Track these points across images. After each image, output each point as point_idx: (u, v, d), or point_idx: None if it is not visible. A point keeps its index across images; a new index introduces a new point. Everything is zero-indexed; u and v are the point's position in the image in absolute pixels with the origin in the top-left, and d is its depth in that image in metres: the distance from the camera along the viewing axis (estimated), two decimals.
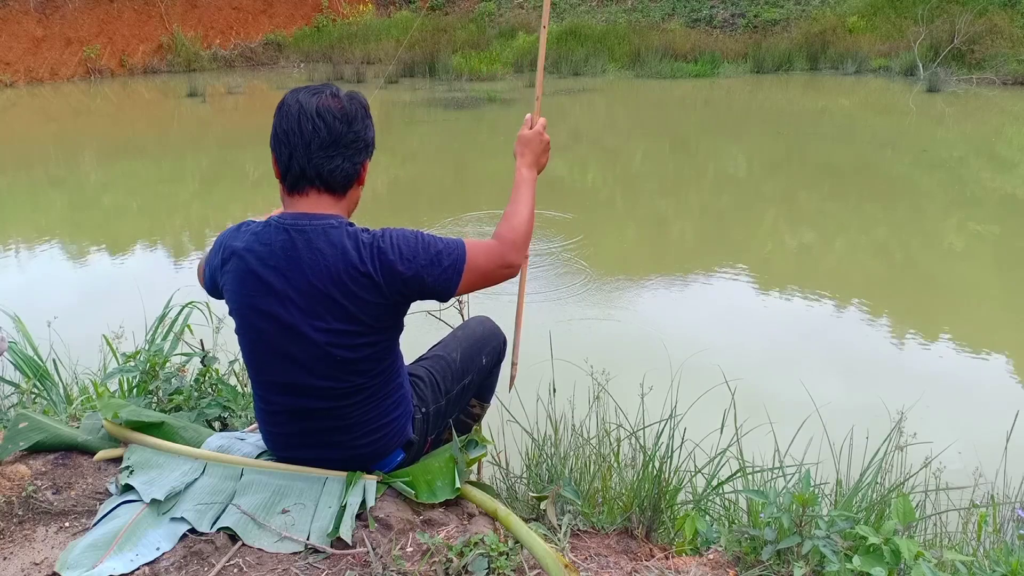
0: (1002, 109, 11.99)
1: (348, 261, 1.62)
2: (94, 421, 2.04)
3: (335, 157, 1.65)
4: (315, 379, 1.70)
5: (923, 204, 7.40)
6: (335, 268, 1.62)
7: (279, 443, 1.86)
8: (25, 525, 1.71)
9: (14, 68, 16.53)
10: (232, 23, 19.58)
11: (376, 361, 1.73)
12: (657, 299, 4.94)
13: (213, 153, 10.71)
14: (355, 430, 1.79)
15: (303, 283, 1.63)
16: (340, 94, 1.69)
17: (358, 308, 1.64)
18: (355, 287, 1.62)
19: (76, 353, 3.16)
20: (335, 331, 1.65)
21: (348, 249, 1.62)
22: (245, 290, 1.68)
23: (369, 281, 1.63)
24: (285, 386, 1.74)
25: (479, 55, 17.08)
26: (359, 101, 1.71)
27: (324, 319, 1.64)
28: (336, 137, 1.65)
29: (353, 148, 1.67)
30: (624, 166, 9.19)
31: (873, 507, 1.99)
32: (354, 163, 1.69)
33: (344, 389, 1.73)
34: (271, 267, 1.65)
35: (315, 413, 1.76)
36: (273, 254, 1.65)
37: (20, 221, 7.54)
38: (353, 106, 1.68)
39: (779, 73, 15.52)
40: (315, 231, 1.64)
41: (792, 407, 2.42)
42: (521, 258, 1.81)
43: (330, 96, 1.67)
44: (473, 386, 2.13)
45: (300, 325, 1.65)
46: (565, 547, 1.73)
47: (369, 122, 1.71)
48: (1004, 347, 4.26)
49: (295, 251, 1.63)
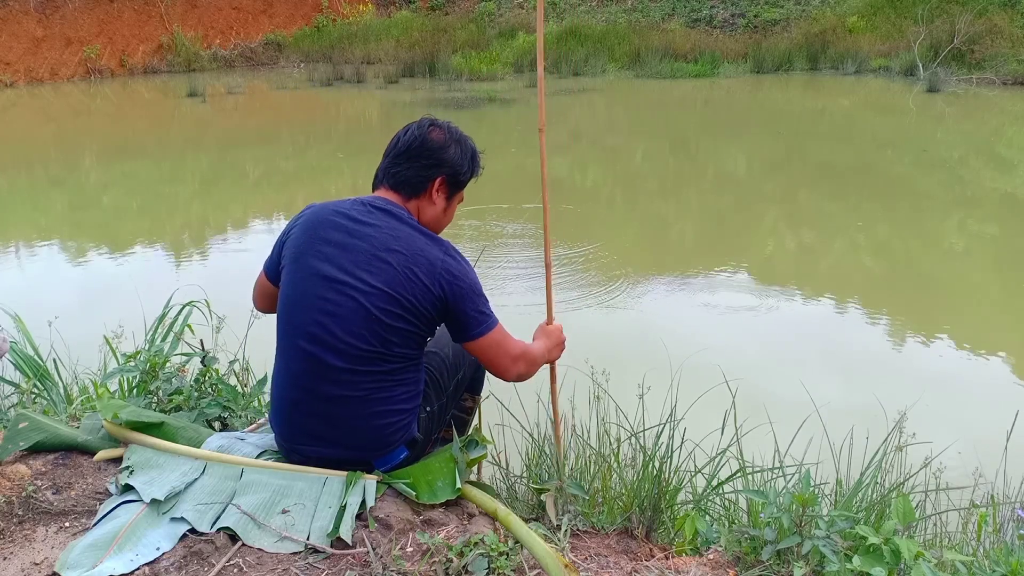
0: (1002, 109, 11.99)
1: (418, 247, 1.82)
2: (94, 421, 2.04)
3: (402, 164, 1.93)
4: (344, 332, 1.78)
5: (923, 204, 7.40)
6: (402, 242, 1.81)
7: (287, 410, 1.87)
8: (25, 525, 1.71)
9: (14, 68, 16.53)
10: (232, 23, 19.58)
11: (405, 344, 1.82)
12: (657, 299, 4.93)
13: (213, 153, 10.71)
14: (364, 406, 1.81)
15: (374, 244, 1.81)
16: (440, 126, 1.97)
17: (408, 281, 1.78)
18: (413, 265, 1.79)
19: (76, 353, 3.16)
20: (380, 292, 1.77)
21: (422, 240, 1.84)
22: (312, 232, 1.86)
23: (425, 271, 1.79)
24: (313, 337, 1.80)
25: (479, 55, 17.08)
26: (454, 135, 1.97)
27: (377, 278, 1.78)
28: (412, 150, 1.92)
29: (422, 162, 1.92)
30: (624, 166, 9.19)
31: (873, 507, 1.99)
32: (419, 174, 1.92)
33: (366, 353, 1.78)
34: (345, 216, 1.86)
35: (332, 372, 1.79)
36: (348, 212, 1.87)
37: (20, 221, 7.54)
38: (449, 137, 1.96)
39: (779, 73, 15.53)
40: (390, 208, 1.88)
41: (792, 407, 2.41)
42: (522, 372, 1.99)
43: (430, 125, 1.96)
44: (465, 380, 2.16)
45: (354, 274, 1.79)
46: (565, 547, 1.73)
47: (457, 149, 1.95)
48: (1004, 347, 4.26)
49: (369, 215, 1.86)
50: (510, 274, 5.38)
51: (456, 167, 1.95)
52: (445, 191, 1.95)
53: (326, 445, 1.84)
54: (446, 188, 1.95)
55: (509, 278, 5.29)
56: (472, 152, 2.01)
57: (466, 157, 1.98)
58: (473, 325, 1.85)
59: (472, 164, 2.01)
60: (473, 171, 2.03)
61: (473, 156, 2.01)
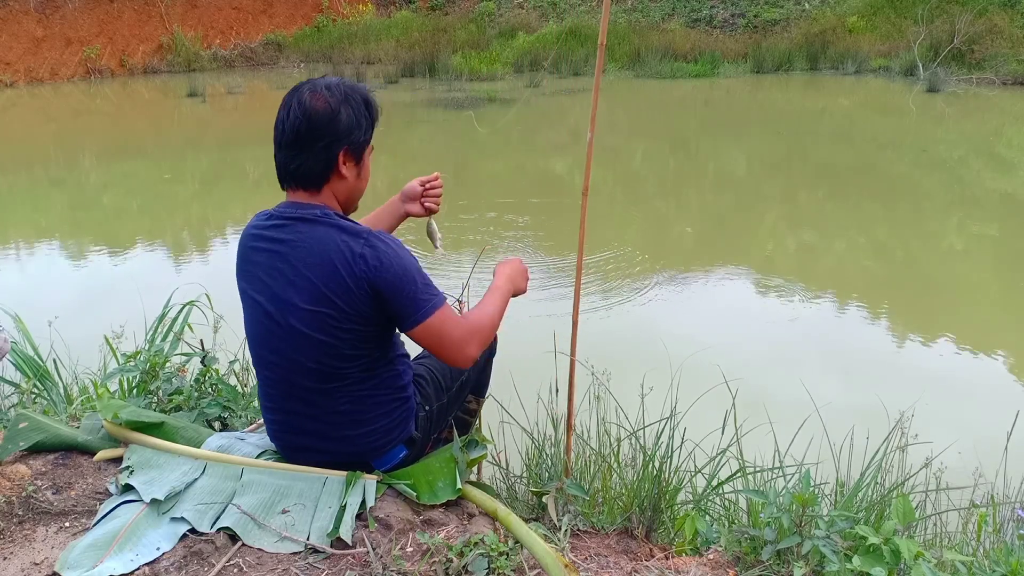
0: (1002, 109, 11.99)
1: (335, 246, 1.68)
2: (94, 421, 2.04)
3: (297, 156, 1.72)
4: (299, 355, 1.74)
5: (923, 204, 7.40)
6: (319, 251, 1.68)
7: (277, 430, 1.89)
8: (25, 525, 1.71)
9: (14, 68, 16.54)
10: (232, 23, 19.59)
11: (362, 346, 1.75)
12: (657, 299, 4.93)
13: (213, 153, 10.71)
14: (349, 416, 1.80)
15: (292, 262, 1.71)
16: (322, 90, 1.72)
17: (331, 290, 1.68)
18: (330, 271, 1.68)
19: (76, 353, 3.16)
20: (311, 310, 1.70)
21: (339, 237, 1.69)
22: (243, 268, 1.81)
23: (349, 269, 1.67)
24: (274, 364, 1.79)
25: (479, 55, 17.09)
26: (339, 94, 1.72)
27: (304, 296, 1.70)
28: (299, 137, 1.70)
29: (317, 145, 1.71)
30: (624, 166, 9.19)
31: (873, 507, 1.99)
32: (319, 161, 1.72)
33: (328, 369, 1.74)
34: (263, 248, 1.76)
35: (305, 392, 1.78)
36: (264, 233, 1.76)
37: (20, 221, 7.54)
38: (335, 100, 1.71)
39: (779, 73, 15.53)
40: (301, 219, 1.73)
41: (792, 407, 2.41)
42: (478, 350, 1.79)
43: (310, 93, 1.71)
44: (469, 381, 2.14)
45: (283, 302, 1.72)
46: (565, 547, 1.73)
47: (348, 110, 1.72)
48: (1004, 347, 4.26)
49: (283, 230, 1.73)
50: None
51: (354, 131, 1.74)
52: (352, 160, 1.77)
53: (320, 453, 1.85)
54: (351, 157, 1.77)
55: None
56: (365, 100, 1.78)
57: (360, 113, 1.75)
58: (408, 313, 1.70)
59: (369, 115, 1.78)
60: (372, 123, 1.80)
61: (367, 104, 1.78)
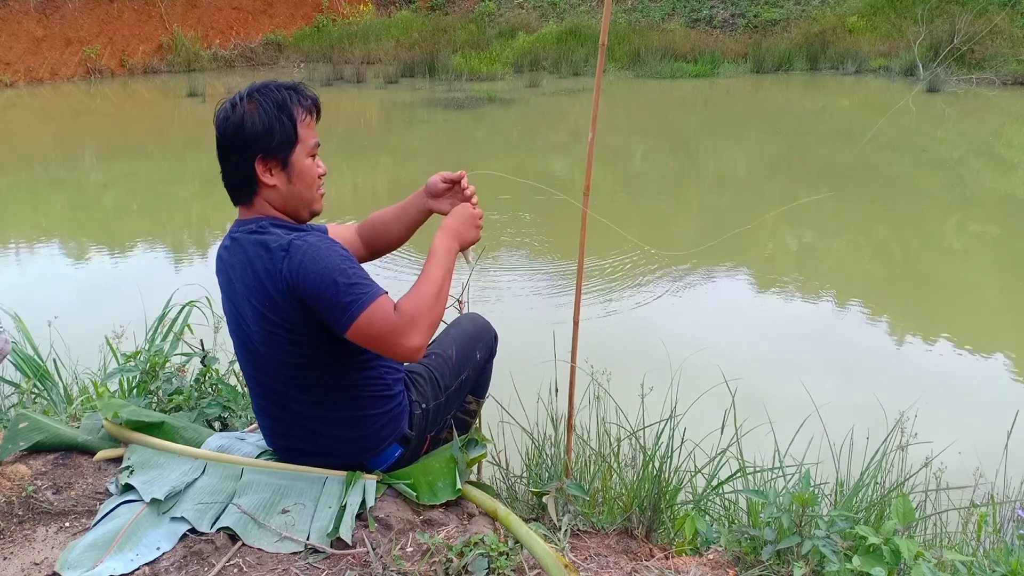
0: (1002, 109, 11.99)
1: (260, 264, 1.67)
2: (94, 421, 2.04)
3: (223, 171, 1.73)
4: (272, 372, 1.77)
5: (923, 204, 7.40)
6: (250, 270, 1.69)
7: (269, 435, 1.91)
8: (25, 525, 1.71)
9: (14, 68, 16.53)
10: (232, 23, 19.58)
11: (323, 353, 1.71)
12: (657, 299, 4.93)
13: (213, 153, 10.62)
14: (335, 420, 1.80)
15: (235, 284, 1.74)
16: (232, 102, 1.67)
17: (268, 309, 1.67)
18: (261, 290, 1.66)
19: (76, 353, 3.16)
20: (260, 330, 1.71)
21: (260, 253, 1.67)
22: (219, 279, 1.84)
23: (273, 285, 1.64)
24: (254, 378, 1.83)
25: (479, 55, 17.08)
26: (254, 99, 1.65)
27: (252, 316, 1.71)
28: (221, 150, 1.71)
29: (232, 159, 1.69)
30: (624, 166, 9.19)
31: (873, 507, 1.99)
32: (237, 174, 1.71)
33: (301, 383, 1.76)
34: (220, 270, 1.80)
35: (287, 402, 1.79)
36: (221, 259, 1.80)
37: (20, 221, 7.54)
38: (240, 109, 1.65)
39: (779, 73, 15.52)
40: (242, 236, 1.73)
41: (792, 407, 2.41)
42: (422, 339, 1.59)
43: (223, 106, 1.69)
44: (469, 382, 2.14)
45: (243, 323, 1.76)
46: (565, 547, 1.73)
47: (255, 115, 1.63)
48: (1004, 347, 4.26)
49: (231, 255, 1.75)
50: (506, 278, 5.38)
51: (263, 138, 1.63)
52: (276, 165, 1.67)
53: (314, 456, 1.85)
54: (274, 162, 1.67)
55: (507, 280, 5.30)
56: (278, 104, 1.64)
57: (271, 117, 1.63)
58: (335, 319, 1.60)
59: (286, 116, 1.65)
60: (292, 123, 1.65)
61: (281, 106, 1.64)
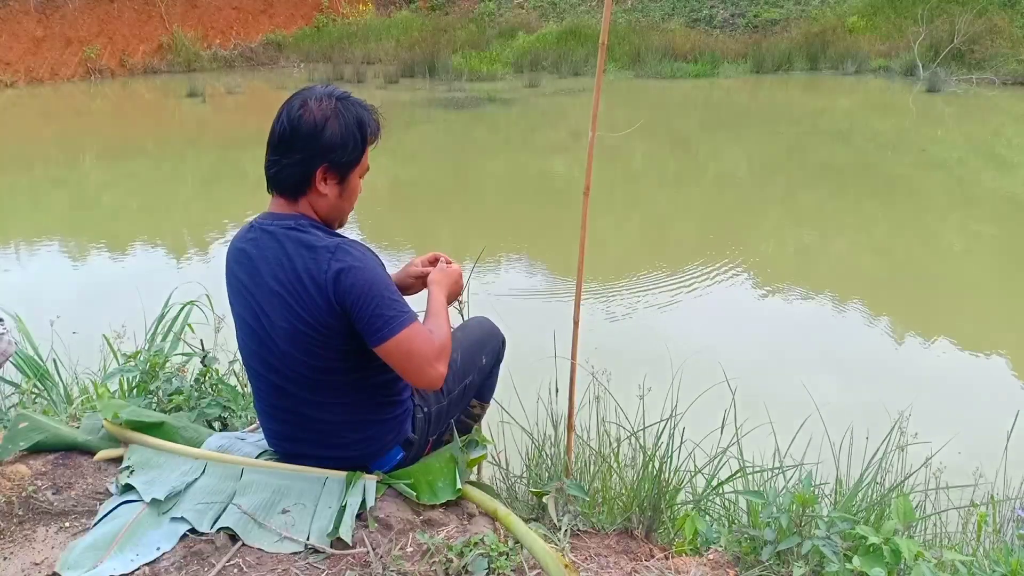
0: (1002, 109, 11.99)
1: (301, 263, 1.67)
2: (94, 421, 2.04)
3: (277, 162, 1.69)
4: (288, 372, 1.74)
5: (923, 204, 7.40)
6: (289, 267, 1.67)
7: (273, 437, 1.90)
8: (25, 525, 1.71)
9: (14, 68, 16.52)
10: (232, 23, 19.57)
11: (344, 359, 1.73)
12: (657, 299, 4.93)
13: (213, 153, 10.70)
14: (343, 422, 1.80)
15: (263, 277, 1.71)
16: (314, 100, 1.67)
17: (302, 307, 1.67)
18: (298, 287, 1.66)
19: (76, 353, 3.16)
20: (287, 328, 1.69)
21: (301, 251, 1.67)
22: (229, 283, 1.80)
23: (314, 284, 1.65)
24: (264, 377, 1.80)
25: (479, 55, 17.08)
26: (328, 109, 1.67)
27: (279, 314, 1.69)
28: (284, 142, 1.67)
29: (296, 156, 1.67)
30: (624, 165, 9.19)
31: (873, 507, 1.98)
32: (295, 171, 1.69)
33: (317, 384, 1.75)
34: (242, 263, 1.75)
35: (298, 404, 1.78)
36: (244, 251, 1.75)
37: (21, 221, 7.54)
38: (322, 114, 1.66)
39: (779, 73, 15.52)
40: (278, 230, 1.71)
41: (792, 407, 2.41)
42: (441, 368, 1.70)
43: (301, 101, 1.68)
44: (474, 386, 2.13)
45: (264, 318, 1.72)
46: (565, 547, 1.73)
47: (336, 125, 1.66)
48: (1004, 347, 4.26)
49: (258, 245, 1.72)
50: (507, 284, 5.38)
51: (336, 150, 1.67)
52: (334, 178, 1.71)
53: (317, 460, 1.85)
54: (333, 175, 1.70)
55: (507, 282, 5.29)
56: (358, 121, 1.70)
57: (349, 133, 1.68)
58: (373, 329, 1.65)
59: (360, 136, 1.70)
60: (363, 144, 1.72)
61: (360, 125, 1.70)
